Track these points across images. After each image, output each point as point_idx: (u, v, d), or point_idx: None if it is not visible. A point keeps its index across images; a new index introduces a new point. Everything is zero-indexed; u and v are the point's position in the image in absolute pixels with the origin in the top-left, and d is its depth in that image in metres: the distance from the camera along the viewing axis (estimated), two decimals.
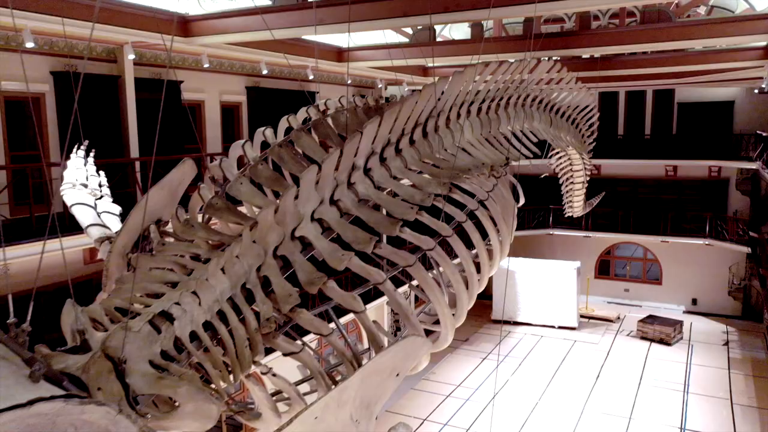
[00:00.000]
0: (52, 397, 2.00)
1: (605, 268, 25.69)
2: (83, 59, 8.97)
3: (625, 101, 24.31)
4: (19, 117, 8.65)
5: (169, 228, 4.16)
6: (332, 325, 3.79)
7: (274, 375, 3.47)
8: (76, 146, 6.28)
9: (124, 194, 8.11)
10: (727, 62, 14.33)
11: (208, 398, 2.97)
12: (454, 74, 4.98)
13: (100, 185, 5.86)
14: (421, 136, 4.94)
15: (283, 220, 3.62)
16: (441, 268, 4.31)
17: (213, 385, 3.18)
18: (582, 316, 22.48)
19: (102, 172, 6.04)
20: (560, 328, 21.68)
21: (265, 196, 4.06)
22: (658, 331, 20.52)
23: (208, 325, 3.24)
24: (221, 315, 3.29)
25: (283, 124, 5.04)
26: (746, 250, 21.55)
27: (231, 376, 3.26)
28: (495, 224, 4.91)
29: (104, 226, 5.06)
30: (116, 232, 4.92)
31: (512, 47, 12.35)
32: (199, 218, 4.07)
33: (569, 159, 11.39)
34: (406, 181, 4.56)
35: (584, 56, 15.32)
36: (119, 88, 9.70)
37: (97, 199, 5.54)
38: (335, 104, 5.25)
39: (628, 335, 21.30)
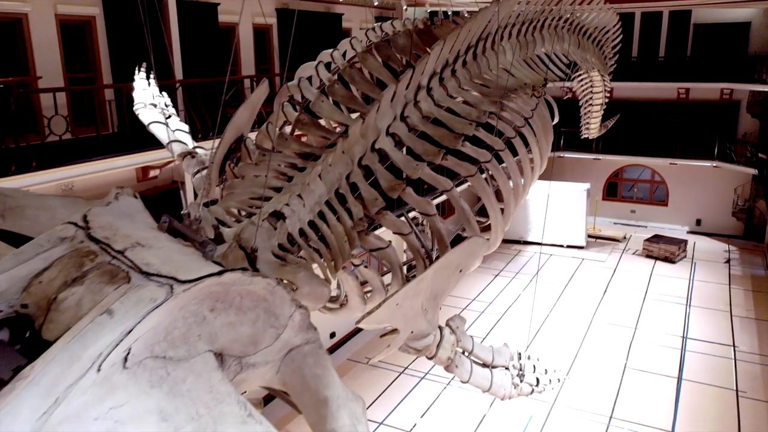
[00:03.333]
0: (233, 269, 2.52)
1: (613, 190, 26.25)
2: None
3: (640, 23, 24.06)
4: (74, 40, 8.91)
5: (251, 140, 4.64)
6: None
7: (365, 267, 4.03)
8: (137, 68, 6.63)
9: None
10: None
11: (321, 282, 3.54)
12: None
13: (165, 105, 6.28)
14: (472, 57, 5.28)
15: (366, 133, 4.07)
16: (492, 176, 4.79)
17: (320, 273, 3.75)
18: (590, 236, 23.25)
19: (165, 93, 6.44)
20: (569, 247, 22.48)
21: (342, 113, 4.50)
22: (663, 249, 21.29)
23: (311, 224, 3.77)
24: (320, 215, 3.81)
25: (344, 46, 5.36)
26: (753, 171, 22.00)
27: (334, 266, 3.82)
28: (537, 140, 5.37)
29: (182, 142, 5.55)
30: (202, 148, 5.40)
31: None
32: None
33: (591, 81, 11.64)
34: (459, 100, 4.96)
35: None
36: (163, 10, 9.88)
37: (166, 118, 5.98)
38: (390, 28, 5.57)
39: (633, 254, 22.13)
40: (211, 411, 2.29)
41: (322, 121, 4.64)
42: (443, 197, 13.40)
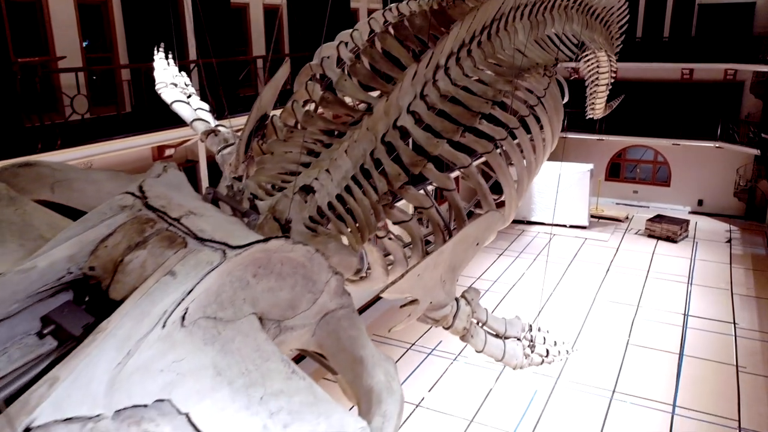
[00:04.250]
0: (278, 236, 2.69)
1: (616, 170, 26.38)
2: None
3: (645, 3, 24.00)
4: (91, 20, 9.01)
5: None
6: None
7: (390, 239, 4.22)
8: (155, 49, 6.76)
9: None
10: None
11: (350, 252, 3.73)
12: None
13: (186, 84, 6.42)
14: (486, 37, 5.41)
15: (388, 111, 4.23)
16: (506, 151, 4.95)
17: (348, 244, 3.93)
18: (593, 216, 23.43)
19: (184, 73, 6.58)
20: (572, 227, 22.68)
21: (365, 91, 4.65)
22: (665, 229, 21.49)
23: (339, 198, 3.95)
24: (347, 190, 3.99)
25: (363, 26, 5.47)
26: (755, 152, 22.11)
27: (360, 237, 4.00)
28: (549, 118, 5.53)
29: (205, 120, 5.70)
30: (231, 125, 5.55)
31: None
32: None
33: (597, 61, 11.74)
34: (474, 79, 5.10)
35: None
36: None
37: (187, 97, 6.13)
38: (406, 8, 5.68)
39: (636, 234, 22.34)
40: (258, 367, 2.47)
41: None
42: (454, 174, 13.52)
